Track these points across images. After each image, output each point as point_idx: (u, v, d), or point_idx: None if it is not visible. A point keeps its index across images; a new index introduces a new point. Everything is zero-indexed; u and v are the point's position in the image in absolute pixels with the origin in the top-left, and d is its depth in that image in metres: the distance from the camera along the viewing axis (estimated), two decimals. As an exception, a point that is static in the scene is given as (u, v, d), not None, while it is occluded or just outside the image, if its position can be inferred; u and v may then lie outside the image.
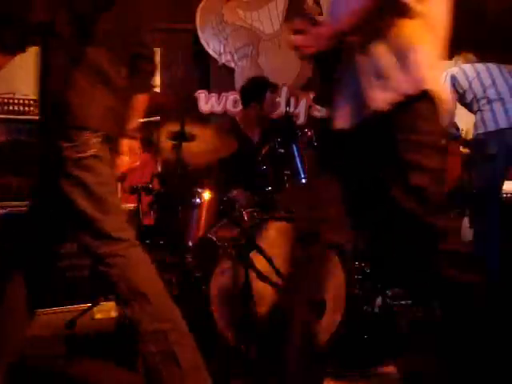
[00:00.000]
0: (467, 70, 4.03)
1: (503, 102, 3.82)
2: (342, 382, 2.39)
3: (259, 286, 2.56)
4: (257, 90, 3.80)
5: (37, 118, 3.55)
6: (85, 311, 3.23)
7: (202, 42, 4.72)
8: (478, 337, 2.40)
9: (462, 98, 4.04)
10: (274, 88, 3.85)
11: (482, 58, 5.39)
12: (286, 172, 2.82)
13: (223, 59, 4.76)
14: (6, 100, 3.54)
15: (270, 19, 4.85)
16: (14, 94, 3.59)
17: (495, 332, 2.55)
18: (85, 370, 2.53)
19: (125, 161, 2.01)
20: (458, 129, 4.27)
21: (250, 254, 2.44)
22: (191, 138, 2.88)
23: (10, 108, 3.53)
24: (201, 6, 4.71)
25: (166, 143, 2.95)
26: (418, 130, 1.72)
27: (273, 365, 2.54)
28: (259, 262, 2.52)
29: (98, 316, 3.34)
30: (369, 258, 3.09)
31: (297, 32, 1.91)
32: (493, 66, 4.02)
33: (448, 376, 2.50)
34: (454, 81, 3.95)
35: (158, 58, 4.74)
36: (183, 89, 4.79)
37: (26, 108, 3.62)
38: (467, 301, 2.00)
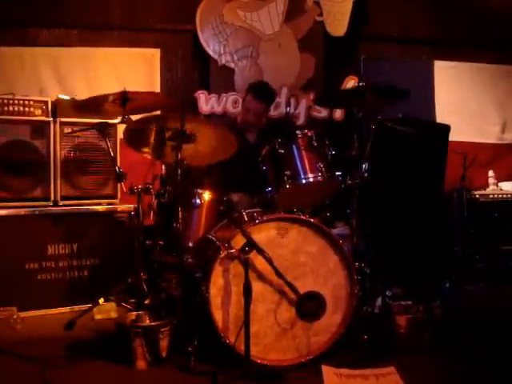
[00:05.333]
0: None
1: None
2: (341, 382, 2.39)
3: (259, 286, 2.56)
4: (272, 95, 3.86)
5: (36, 118, 3.58)
6: (85, 312, 3.23)
7: (202, 42, 4.72)
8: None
9: None
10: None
11: (482, 58, 5.43)
12: (286, 172, 2.82)
13: (223, 60, 4.75)
14: (5, 100, 3.53)
15: (269, 20, 4.84)
16: (13, 94, 3.58)
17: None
18: (85, 371, 2.53)
19: None
20: None
21: (250, 254, 2.44)
22: (191, 138, 2.88)
23: (10, 108, 3.53)
24: (201, 6, 4.70)
25: (167, 144, 2.95)
26: None
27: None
28: (259, 262, 2.52)
29: (98, 317, 3.35)
30: (369, 258, 3.10)
31: None
32: None
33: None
34: None
35: (157, 59, 4.81)
36: (183, 89, 4.79)
37: (26, 108, 3.62)
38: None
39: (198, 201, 3.10)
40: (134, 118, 3.12)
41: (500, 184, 4.79)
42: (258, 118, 3.83)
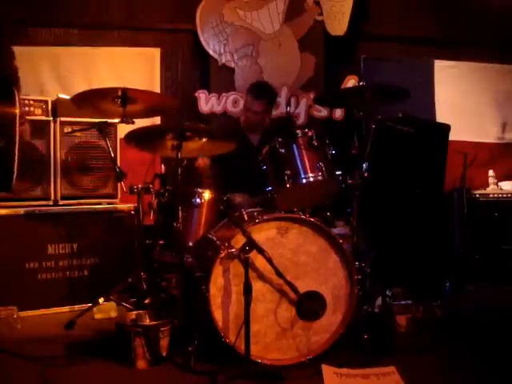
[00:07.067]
0: None
1: None
2: (342, 381, 2.39)
3: (259, 286, 2.56)
4: (272, 93, 3.89)
5: (36, 118, 3.58)
6: (85, 311, 3.23)
7: (202, 41, 4.72)
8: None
9: None
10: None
11: (482, 57, 5.43)
12: (286, 171, 2.82)
13: (223, 59, 4.75)
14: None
15: (270, 19, 4.84)
16: (14, 94, 3.58)
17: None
18: (85, 370, 2.53)
19: None
20: None
21: (250, 254, 2.44)
22: (191, 137, 2.88)
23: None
24: (201, 6, 4.70)
25: (167, 143, 2.95)
26: None
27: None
28: (259, 261, 2.52)
29: (98, 316, 3.35)
30: (369, 258, 3.10)
31: None
32: None
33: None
34: None
35: (158, 58, 4.82)
36: (183, 89, 4.80)
37: (26, 108, 3.62)
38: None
39: (198, 200, 3.10)
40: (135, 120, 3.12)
41: (500, 183, 4.79)
42: (260, 118, 3.83)
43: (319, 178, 2.83)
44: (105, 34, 4.63)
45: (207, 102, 4.66)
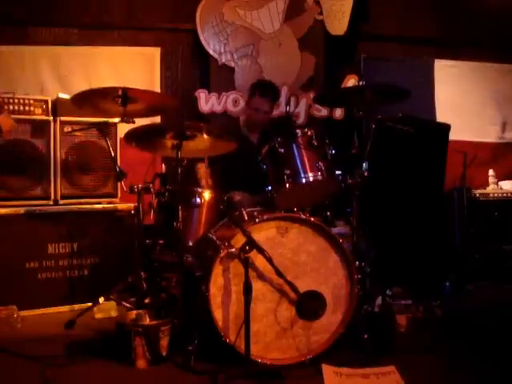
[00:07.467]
0: None
1: None
2: (342, 381, 2.39)
3: (259, 285, 2.56)
4: (276, 90, 3.89)
5: (37, 117, 3.58)
6: (85, 311, 3.23)
7: (202, 41, 4.72)
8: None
9: None
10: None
11: (482, 56, 5.43)
12: (285, 171, 2.82)
13: (223, 59, 4.75)
14: (6, 99, 3.53)
15: (270, 19, 4.84)
16: (13, 93, 3.58)
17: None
18: (85, 370, 2.53)
19: None
20: None
21: (250, 254, 2.44)
22: (191, 137, 2.88)
23: (10, 108, 3.53)
24: (201, 5, 4.70)
25: (167, 142, 2.95)
26: None
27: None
28: (259, 261, 2.52)
29: (98, 315, 3.35)
30: (369, 257, 3.10)
31: None
32: None
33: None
34: None
35: (158, 58, 4.83)
36: (183, 88, 4.80)
37: (27, 107, 3.62)
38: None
39: (198, 200, 3.10)
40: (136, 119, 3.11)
41: (500, 183, 4.79)
42: (262, 116, 3.83)
43: (319, 177, 2.83)
44: (105, 34, 4.63)
45: (207, 102, 4.66)
